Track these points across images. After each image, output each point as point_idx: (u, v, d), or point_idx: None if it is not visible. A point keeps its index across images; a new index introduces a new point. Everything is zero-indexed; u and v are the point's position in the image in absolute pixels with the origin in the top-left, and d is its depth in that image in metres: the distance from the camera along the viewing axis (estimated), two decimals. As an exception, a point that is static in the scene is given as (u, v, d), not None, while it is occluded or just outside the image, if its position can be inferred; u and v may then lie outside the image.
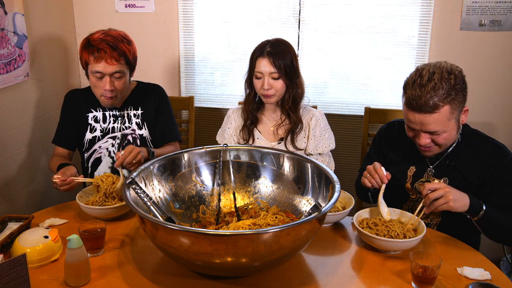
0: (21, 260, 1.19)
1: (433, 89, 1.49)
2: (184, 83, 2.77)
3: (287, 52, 1.91)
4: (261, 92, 1.93)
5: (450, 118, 1.54)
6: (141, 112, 2.07)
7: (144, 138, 2.07)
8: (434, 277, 1.27)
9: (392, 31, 2.51)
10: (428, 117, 1.51)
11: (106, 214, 1.62)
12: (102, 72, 1.88)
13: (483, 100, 2.48)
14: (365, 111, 2.45)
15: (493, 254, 1.68)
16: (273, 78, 1.89)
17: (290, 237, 1.22)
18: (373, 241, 1.45)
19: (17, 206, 2.23)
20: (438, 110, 1.50)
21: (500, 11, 2.35)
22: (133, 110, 2.07)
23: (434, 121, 1.52)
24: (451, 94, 1.50)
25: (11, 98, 2.17)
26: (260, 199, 1.67)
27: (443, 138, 1.57)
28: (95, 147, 2.05)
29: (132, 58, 1.96)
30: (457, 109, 1.54)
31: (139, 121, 2.07)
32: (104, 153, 2.05)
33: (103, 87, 1.90)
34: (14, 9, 2.13)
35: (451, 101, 1.51)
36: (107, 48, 1.86)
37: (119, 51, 1.88)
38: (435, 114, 1.51)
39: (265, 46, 1.91)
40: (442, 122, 1.53)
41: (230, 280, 1.33)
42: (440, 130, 1.54)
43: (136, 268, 1.40)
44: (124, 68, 1.92)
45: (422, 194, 1.48)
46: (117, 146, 2.05)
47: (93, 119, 2.05)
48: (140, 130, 2.07)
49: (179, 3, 2.62)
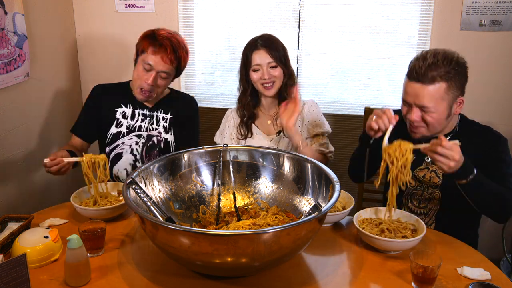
0: (21, 260, 1.19)
1: (435, 64, 1.56)
2: (184, 83, 2.77)
3: (278, 43, 1.98)
4: (261, 83, 1.96)
5: (444, 99, 1.57)
6: (170, 117, 2.08)
7: (168, 143, 2.07)
8: (434, 277, 1.27)
9: (392, 31, 2.51)
10: (424, 88, 1.57)
11: (100, 215, 1.62)
12: (153, 66, 1.91)
13: (483, 100, 2.47)
14: (365, 111, 2.44)
15: (493, 254, 1.68)
16: (271, 67, 1.94)
17: (290, 237, 1.22)
18: (373, 241, 1.45)
19: (17, 206, 2.23)
20: (434, 83, 1.56)
21: (500, 11, 2.35)
22: (163, 113, 2.07)
23: (428, 95, 1.57)
24: (450, 73, 1.56)
25: (11, 98, 2.17)
26: (260, 199, 1.67)
27: (432, 117, 1.60)
28: (118, 142, 2.05)
29: (183, 66, 2.02)
30: (452, 92, 1.58)
31: (167, 125, 2.07)
32: (126, 149, 2.04)
33: (146, 79, 1.92)
34: (14, 9, 2.13)
35: (449, 80, 1.56)
36: (168, 47, 1.91)
37: (177, 54, 1.94)
38: (431, 87, 1.56)
39: (256, 40, 1.97)
40: (436, 99, 1.57)
41: (230, 280, 1.33)
42: (431, 107, 1.58)
43: (136, 268, 1.40)
44: (172, 71, 1.97)
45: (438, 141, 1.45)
46: (141, 145, 2.05)
47: (121, 115, 2.05)
48: (166, 134, 2.07)
49: (179, 3, 2.62)
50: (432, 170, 1.74)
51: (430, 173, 1.74)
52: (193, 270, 1.36)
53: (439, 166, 1.47)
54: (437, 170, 1.72)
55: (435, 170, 1.73)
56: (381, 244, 1.43)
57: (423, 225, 1.48)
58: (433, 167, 1.73)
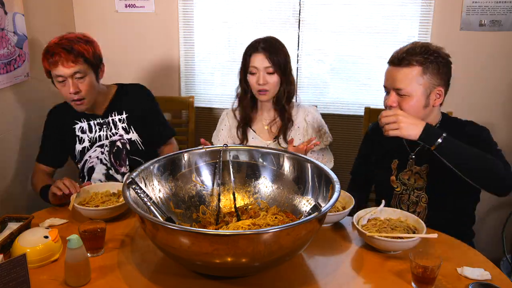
0: (21, 260, 1.19)
1: (412, 49, 1.61)
2: (184, 83, 2.77)
3: (280, 49, 1.93)
4: (256, 87, 1.93)
5: (419, 83, 1.60)
6: (126, 116, 2.03)
7: (133, 142, 2.04)
8: (434, 277, 1.27)
9: (392, 31, 2.51)
10: (399, 70, 1.61)
11: (100, 215, 1.62)
12: (62, 75, 1.83)
13: (483, 100, 2.48)
14: (365, 111, 2.45)
15: (493, 254, 1.68)
16: (268, 73, 1.90)
17: (290, 237, 1.22)
18: (373, 241, 1.45)
19: (17, 206, 2.23)
20: (408, 66, 1.59)
21: (500, 11, 2.35)
22: (117, 115, 2.02)
23: (402, 77, 1.60)
24: (426, 59, 1.59)
25: (11, 98, 2.17)
26: (260, 199, 1.67)
27: (407, 103, 1.61)
28: (85, 157, 2.03)
29: (92, 57, 1.88)
30: (429, 78, 1.60)
31: (125, 125, 2.03)
32: (95, 161, 2.03)
33: (68, 91, 1.85)
34: (14, 9, 2.13)
35: (423, 65, 1.59)
36: (61, 52, 1.81)
37: (74, 52, 1.82)
38: (405, 69, 1.60)
39: (258, 42, 1.93)
40: (410, 81, 1.59)
41: (230, 280, 1.33)
42: (406, 90, 1.60)
43: (136, 268, 1.40)
44: (83, 68, 1.85)
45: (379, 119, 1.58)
46: (107, 153, 2.03)
47: (80, 130, 2.02)
48: (128, 134, 2.03)
49: (179, 3, 2.62)
50: (416, 173, 1.73)
51: (414, 175, 1.73)
52: (193, 270, 1.36)
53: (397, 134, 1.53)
54: (421, 172, 1.71)
55: (418, 172, 1.72)
56: (381, 244, 1.43)
57: (423, 225, 1.48)
58: (416, 169, 1.72)
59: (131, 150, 2.04)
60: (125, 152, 2.04)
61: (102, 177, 2.05)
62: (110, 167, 2.04)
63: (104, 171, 2.05)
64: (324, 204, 1.42)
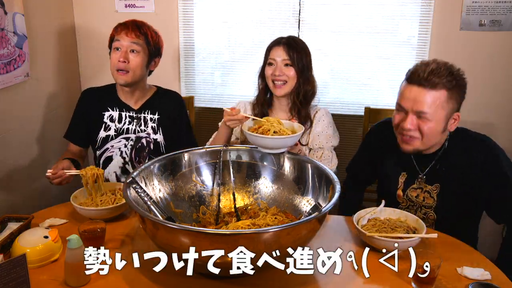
0: (21, 260, 1.19)
1: (438, 70, 1.50)
2: (184, 83, 2.77)
3: (301, 46, 1.96)
4: (272, 79, 1.94)
5: (444, 108, 1.51)
6: (157, 117, 2.06)
7: (157, 143, 2.06)
8: (434, 277, 1.27)
9: (392, 31, 2.51)
10: (425, 92, 1.49)
11: (100, 215, 1.61)
12: (121, 42, 1.92)
13: (483, 100, 2.47)
14: (365, 111, 2.45)
15: (493, 254, 1.68)
16: (285, 65, 1.92)
17: (290, 237, 1.22)
18: (373, 241, 1.45)
19: (17, 206, 2.23)
20: (435, 88, 1.49)
21: (500, 11, 2.35)
22: (150, 114, 2.06)
23: (428, 100, 1.49)
24: (452, 83, 1.50)
25: (11, 98, 2.17)
26: (260, 200, 1.67)
27: (428, 127, 1.52)
28: (107, 146, 2.05)
29: (153, 44, 1.98)
30: (452, 103, 1.52)
31: (155, 126, 2.06)
32: (116, 152, 2.05)
33: (118, 58, 1.92)
34: (14, 9, 2.13)
35: (450, 90, 1.50)
36: (130, 25, 1.94)
37: (141, 30, 1.95)
38: (432, 92, 1.49)
39: (281, 38, 1.97)
40: (436, 105, 1.50)
41: (230, 280, 1.33)
42: (429, 114, 1.50)
43: (136, 268, 1.39)
44: (141, 46, 1.94)
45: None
46: (130, 147, 2.05)
47: (109, 118, 2.04)
48: (155, 135, 2.06)
49: (179, 3, 2.62)
50: (426, 191, 1.66)
51: (423, 194, 1.67)
52: (193, 270, 1.35)
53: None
54: (431, 191, 1.65)
55: (429, 190, 1.66)
56: (381, 244, 1.43)
57: (423, 225, 1.48)
58: (427, 187, 1.66)
59: (153, 150, 2.06)
60: (147, 151, 2.05)
61: (118, 170, 2.06)
62: (128, 161, 2.05)
63: (121, 165, 2.06)
64: (324, 204, 1.42)
